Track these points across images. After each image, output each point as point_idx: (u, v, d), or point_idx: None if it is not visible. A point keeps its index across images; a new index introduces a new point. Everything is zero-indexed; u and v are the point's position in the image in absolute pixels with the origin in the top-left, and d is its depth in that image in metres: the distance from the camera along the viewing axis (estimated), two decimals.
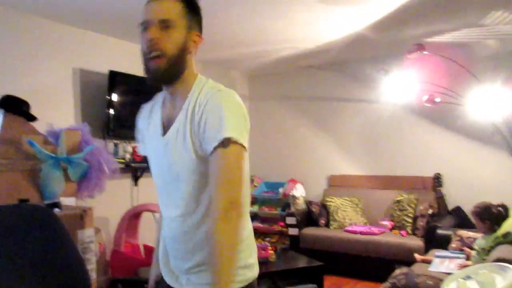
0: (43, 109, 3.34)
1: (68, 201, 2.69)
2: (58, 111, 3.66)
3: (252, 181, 5.54)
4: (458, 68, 3.99)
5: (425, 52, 3.76)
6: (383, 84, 4.54)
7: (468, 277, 1.12)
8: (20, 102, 2.81)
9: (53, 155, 2.64)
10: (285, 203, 5.17)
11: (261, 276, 3.16)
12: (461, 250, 3.18)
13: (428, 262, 3.14)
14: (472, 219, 3.04)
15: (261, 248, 3.59)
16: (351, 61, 5.09)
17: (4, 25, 3.33)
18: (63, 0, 3.16)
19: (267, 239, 4.99)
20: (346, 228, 4.43)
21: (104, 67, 3.95)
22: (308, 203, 4.84)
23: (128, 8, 3.29)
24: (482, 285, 1.06)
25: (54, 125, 2.94)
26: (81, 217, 2.25)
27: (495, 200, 3.04)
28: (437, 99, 3.94)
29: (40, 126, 2.87)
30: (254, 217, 5.13)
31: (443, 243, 3.47)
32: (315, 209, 4.75)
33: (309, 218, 4.75)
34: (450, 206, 4.39)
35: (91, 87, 3.96)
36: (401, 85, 4.30)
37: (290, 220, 4.62)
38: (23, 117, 2.78)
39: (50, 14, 3.49)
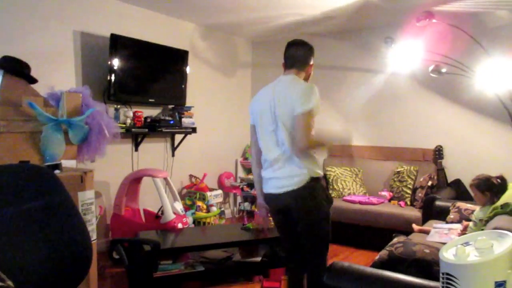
0: (44, 72, 3.30)
1: (68, 164, 2.69)
2: (58, 74, 3.63)
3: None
4: (467, 38, 3.91)
5: (434, 20, 3.68)
6: (389, 53, 4.46)
7: (466, 244, 1.13)
8: (20, 63, 2.76)
9: (54, 117, 2.62)
10: None
11: (259, 242, 3.20)
12: (459, 222, 3.21)
13: (426, 232, 3.16)
14: (471, 191, 3.04)
15: (259, 216, 3.63)
16: (357, 29, 4.99)
17: None
18: None
19: None
20: (345, 198, 4.46)
21: (105, 30, 3.88)
22: None
23: None
24: (480, 251, 1.06)
25: (54, 88, 2.91)
26: (81, 178, 2.26)
27: (495, 173, 3.03)
28: (443, 70, 3.88)
29: (40, 88, 2.84)
30: (252, 186, 5.16)
31: (441, 214, 3.49)
32: None
33: None
34: (450, 178, 4.40)
35: (93, 50, 3.90)
36: (407, 55, 4.23)
37: None
38: (23, 79, 2.74)
39: None
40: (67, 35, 3.72)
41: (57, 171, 2.26)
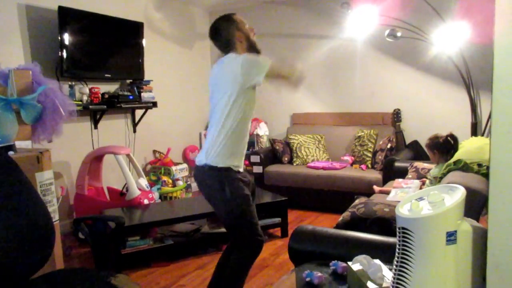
0: None
1: (23, 144, 2.59)
2: (4, 50, 3.43)
3: None
4: (421, 2, 3.97)
5: None
6: (346, 19, 4.48)
7: (420, 199, 1.18)
8: None
9: (3, 96, 2.50)
10: (249, 141, 5.21)
11: None
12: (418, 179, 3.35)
13: (386, 193, 3.29)
14: (426, 151, 3.17)
15: None
16: None
17: None
18: None
19: None
20: (309, 164, 4.55)
21: (53, 3, 3.68)
22: (272, 141, 4.90)
23: None
24: (432, 205, 1.12)
25: (1, 65, 2.75)
26: (37, 159, 2.18)
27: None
28: (399, 34, 3.94)
29: None
30: None
31: (400, 175, 3.62)
32: (278, 147, 4.82)
33: (273, 156, 4.83)
34: (408, 140, 4.56)
35: (41, 24, 3.70)
36: (363, 20, 4.25)
37: (254, 159, 4.69)
38: None
39: None
40: (11, 8, 3.50)
41: (11, 153, 2.18)
